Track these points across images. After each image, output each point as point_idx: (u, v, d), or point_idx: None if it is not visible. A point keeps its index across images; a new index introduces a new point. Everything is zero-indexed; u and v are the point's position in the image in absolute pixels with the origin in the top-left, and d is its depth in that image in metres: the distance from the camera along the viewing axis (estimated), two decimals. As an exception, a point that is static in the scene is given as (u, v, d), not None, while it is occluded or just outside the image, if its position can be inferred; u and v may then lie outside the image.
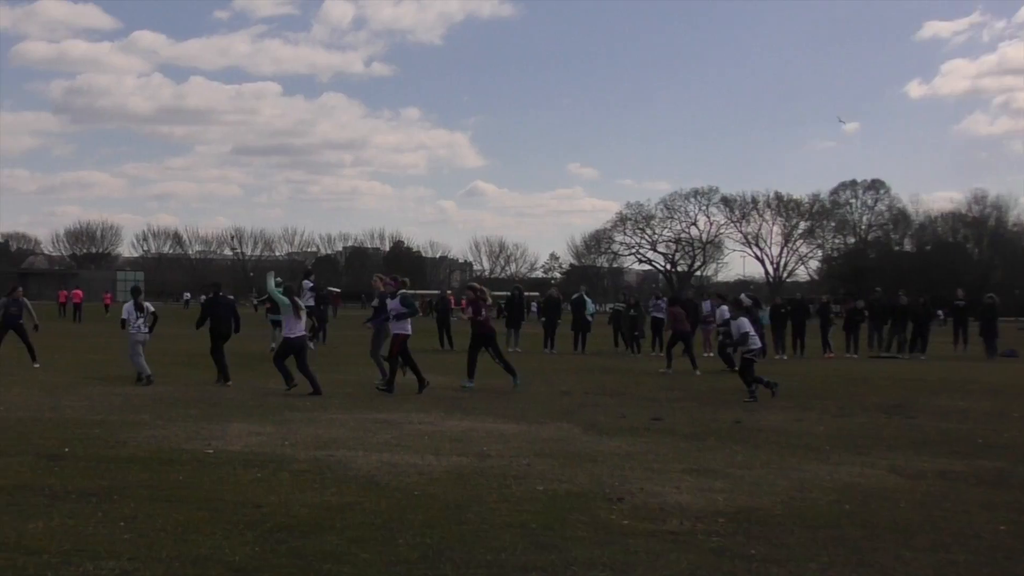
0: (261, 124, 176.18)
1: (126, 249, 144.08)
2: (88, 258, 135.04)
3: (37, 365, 18.65)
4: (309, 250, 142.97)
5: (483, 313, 16.16)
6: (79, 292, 50.97)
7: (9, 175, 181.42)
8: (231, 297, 19.14)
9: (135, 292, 17.53)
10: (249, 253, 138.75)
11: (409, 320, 15.73)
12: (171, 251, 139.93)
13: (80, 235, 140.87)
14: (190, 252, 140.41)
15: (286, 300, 15.48)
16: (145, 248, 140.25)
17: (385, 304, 16.46)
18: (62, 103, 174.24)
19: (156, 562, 5.71)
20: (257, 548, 6.05)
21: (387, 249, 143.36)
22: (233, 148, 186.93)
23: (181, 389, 14.96)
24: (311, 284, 25.98)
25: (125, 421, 11.43)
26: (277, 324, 22.54)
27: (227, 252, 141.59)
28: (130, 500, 7.22)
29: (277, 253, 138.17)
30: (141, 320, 16.49)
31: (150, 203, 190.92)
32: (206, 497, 7.41)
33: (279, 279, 17.83)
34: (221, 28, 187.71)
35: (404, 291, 15.97)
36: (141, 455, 9.17)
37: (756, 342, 15.81)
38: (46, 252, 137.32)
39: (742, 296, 19.07)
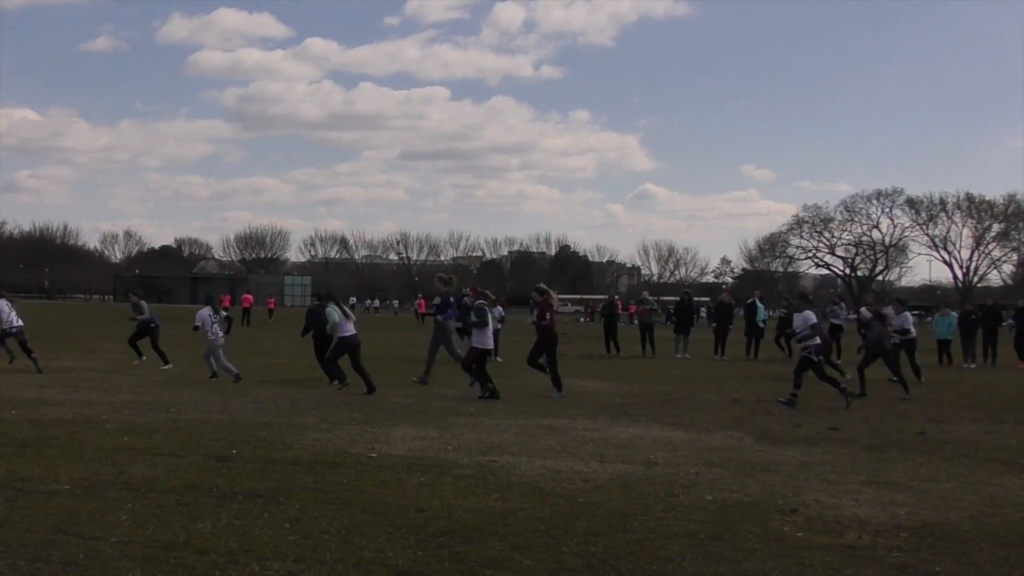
0: (429, 129, 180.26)
1: (294, 254, 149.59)
2: (257, 263, 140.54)
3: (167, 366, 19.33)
4: (474, 255, 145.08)
5: (547, 317, 15.57)
6: (249, 296, 52.91)
7: (184, 181, 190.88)
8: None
9: (209, 300, 18.63)
10: (415, 258, 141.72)
11: (488, 333, 15.60)
12: (338, 256, 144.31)
13: (250, 240, 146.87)
14: (356, 257, 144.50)
15: (335, 315, 16.49)
16: (312, 253, 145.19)
17: (448, 303, 17.31)
18: (235, 111, 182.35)
19: (320, 564, 5.83)
20: (420, 552, 6.11)
21: (553, 253, 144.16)
22: (401, 153, 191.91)
23: (346, 393, 15.33)
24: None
25: (291, 424, 11.77)
26: (464, 332, 23.07)
27: (393, 257, 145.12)
28: (295, 502, 7.41)
29: (442, 257, 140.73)
30: (216, 324, 17.45)
31: (318, 208, 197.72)
32: (370, 500, 7.54)
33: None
34: (391, 34, 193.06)
35: (483, 302, 15.96)
36: (306, 458, 9.41)
37: (816, 339, 15.16)
38: (217, 257, 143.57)
39: (802, 289, 18.20)
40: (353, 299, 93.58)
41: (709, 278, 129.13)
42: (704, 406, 14.82)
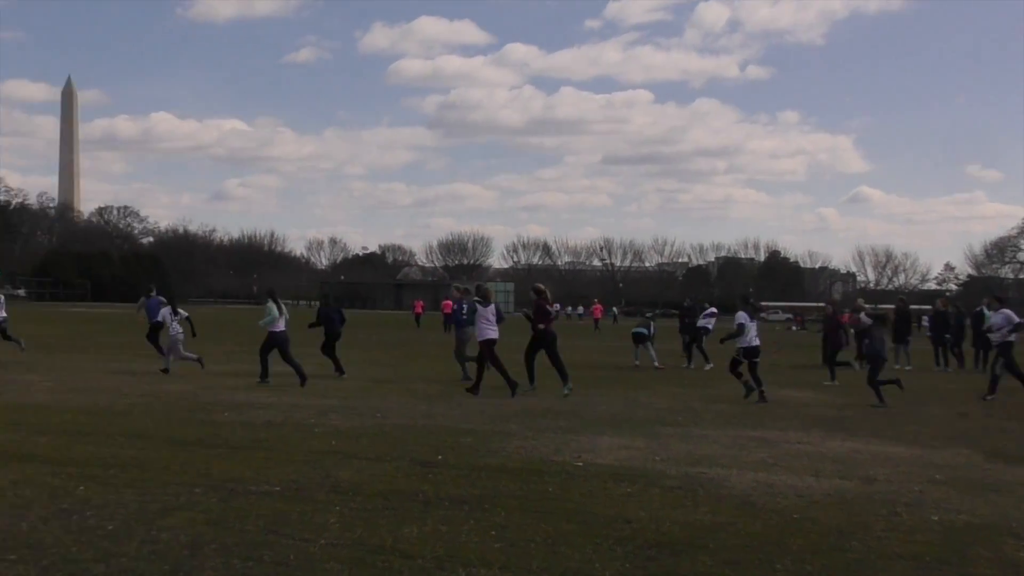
0: (631, 133, 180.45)
1: (496, 260, 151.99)
2: (460, 269, 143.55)
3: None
4: (680, 260, 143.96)
5: (548, 316, 16.99)
6: (449, 302, 54.27)
7: (387, 188, 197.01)
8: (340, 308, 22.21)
9: (171, 300, 20.83)
10: (618, 263, 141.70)
11: (495, 326, 16.61)
12: (540, 262, 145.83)
13: (452, 246, 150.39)
14: (559, 263, 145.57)
15: (274, 311, 17.71)
16: (515, 259, 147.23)
17: (474, 310, 18.05)
18: (436, 118, 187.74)
19: (526, 572, 5.95)
20: (627, 564, 6.14)
21: (762, 259, 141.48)
22: (603, 158, 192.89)
23: (549, 400, 15.49)
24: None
25: (495, 431, 12.00)
26: (640, 340, 23.16)
27: (596, 263, 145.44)
28: (501, 509, 7.56)
29: (647, 263, 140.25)
30: (175, 321, 19.42)
31: (520, 214, 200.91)
32: (575, 510, 7.62)
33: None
34: (592, 37, 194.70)
35: (476, 299, 17.34)
36: (511, 465, 9.58)
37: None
38: (420, 263, 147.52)
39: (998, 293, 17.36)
40: (556, 306, 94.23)
41: (931, 285, 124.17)
42: (928, 420, 14.26)
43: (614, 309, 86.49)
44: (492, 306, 16.76)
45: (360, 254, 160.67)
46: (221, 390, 16.12)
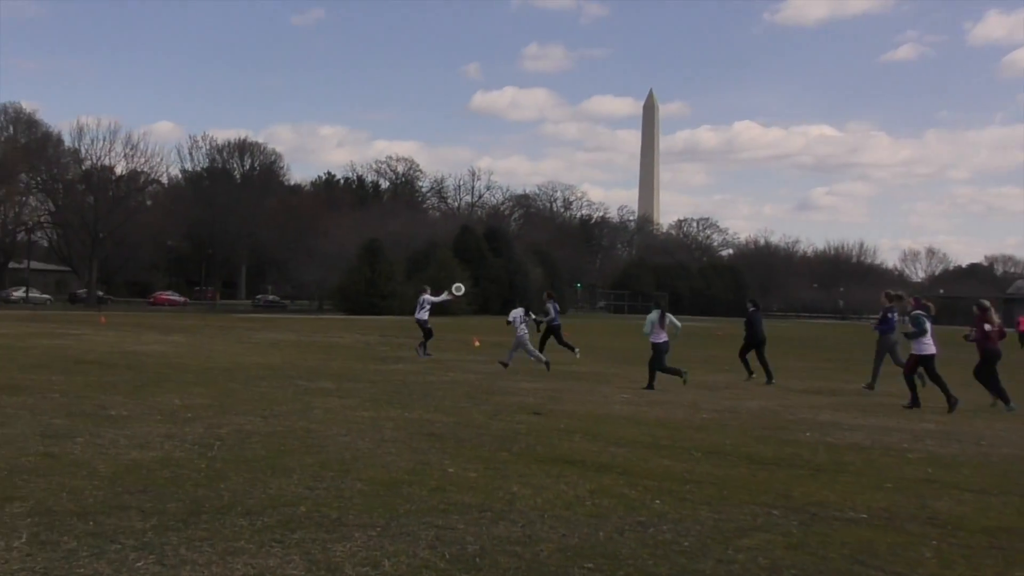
0: None
1: None
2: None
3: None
4: None
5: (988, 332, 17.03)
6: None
7: (996, 194, 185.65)
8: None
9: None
10: None
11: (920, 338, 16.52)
12: None
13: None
14: None
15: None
16: None
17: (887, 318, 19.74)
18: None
19: None
20: None
21: None
22: None
23: None
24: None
25: None
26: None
27: None
28: None
29: None
30: (523, 323, 22.75)
31: None
32: None
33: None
34: None
35: (919, 312, 16.87)
36: None
37: None
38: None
39: None
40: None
41: None
42: None
43: None
44: None
45: (963, 266, 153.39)
46: (803, 409, 15.87)
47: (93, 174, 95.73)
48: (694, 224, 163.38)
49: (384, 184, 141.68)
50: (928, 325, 16.57)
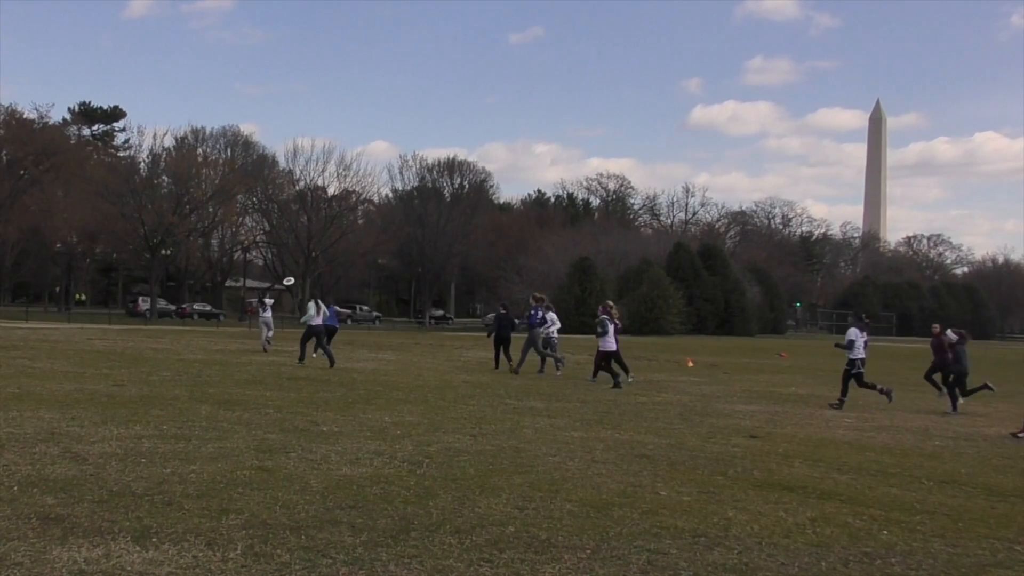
0: None
1: None
2: None
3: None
4: None
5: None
6: None
7: None
8: None
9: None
10: None
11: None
12: None
13: None
14: None
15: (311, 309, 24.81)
16: None
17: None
18: None
19: None
20: None
21: None
22: None
23: None
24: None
25: None
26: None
27: None
28: None
29: None
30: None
31: None
32: None
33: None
34: None
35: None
36: None
37: None
38: None
39: None
40: None
41: None
42: None
43: None
44: None
45: None
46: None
47: (307, 194, 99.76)
48: (924, 241, 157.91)
49: (595, 202, 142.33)
50: None
